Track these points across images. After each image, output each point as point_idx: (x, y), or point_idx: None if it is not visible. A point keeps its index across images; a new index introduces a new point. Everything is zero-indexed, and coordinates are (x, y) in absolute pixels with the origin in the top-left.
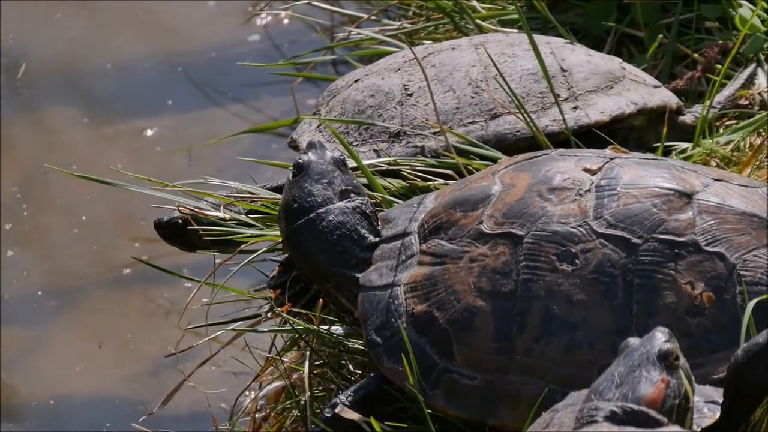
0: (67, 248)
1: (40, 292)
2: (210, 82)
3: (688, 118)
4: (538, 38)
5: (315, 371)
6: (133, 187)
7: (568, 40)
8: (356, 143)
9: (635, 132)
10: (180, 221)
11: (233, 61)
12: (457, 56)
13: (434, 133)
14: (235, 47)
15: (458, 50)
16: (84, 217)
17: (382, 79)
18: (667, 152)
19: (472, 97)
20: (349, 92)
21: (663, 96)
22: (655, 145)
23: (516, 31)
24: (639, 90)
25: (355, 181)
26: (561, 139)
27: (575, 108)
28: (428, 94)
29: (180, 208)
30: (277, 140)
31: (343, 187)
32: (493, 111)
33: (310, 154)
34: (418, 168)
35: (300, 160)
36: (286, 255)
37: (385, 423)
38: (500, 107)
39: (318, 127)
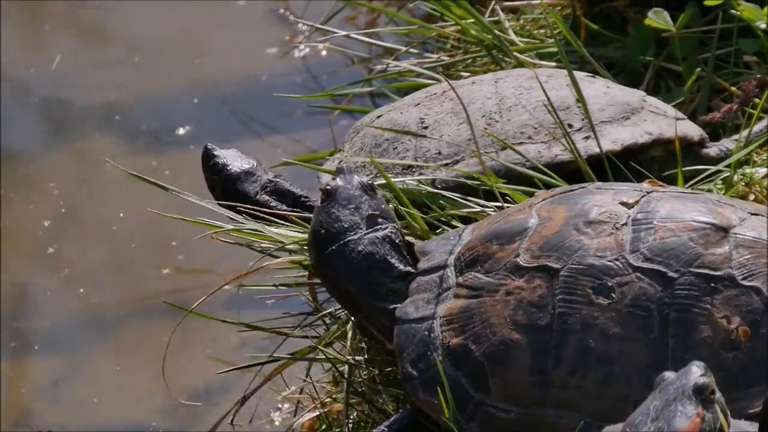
0: (102, 277)
1: (76, 321)
2: (248, 113)
3: (712, 150)
4: (557, 72)
5: (350, 401)
6: (192, 197)
7: (590, 74)
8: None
9: (656, 163)
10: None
11: (271, 92)
12: (475, 90)
13: (445, 165)
14: (273, 78)
15: (478, 84)
16: (119, 246)
17: (401, 113)
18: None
19: (485, 129)
20: (369, 128)
21: (683, 128)
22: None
23: (554, 64)
24: (657, 121)
25: (383, 206)
26: (572, 168)
27: (587, 138)
28: (444, 127)
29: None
30: (315, 172)
31: (371, 212)
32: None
33: (337, 179)
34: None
35: (328, 186)
36: None
37: None
38: (511, 138)
39: (340, 163)
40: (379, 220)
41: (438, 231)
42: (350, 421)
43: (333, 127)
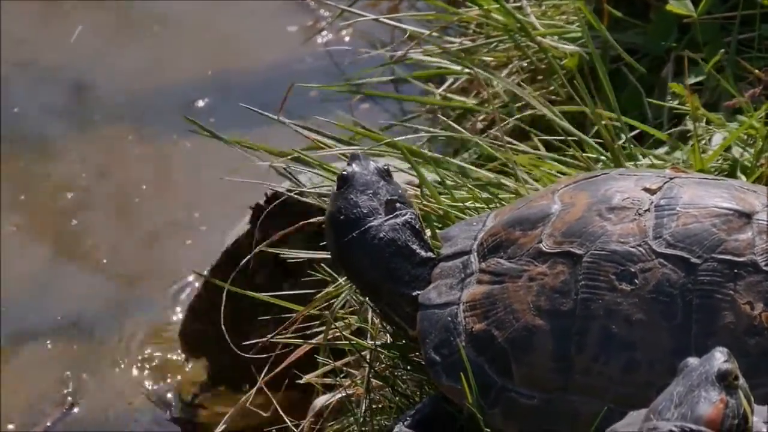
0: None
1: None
2: (269, 99)
3: None
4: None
5: (373, 387)
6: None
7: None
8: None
9: None
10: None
11: (292, 79)
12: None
13: None
14: (294, 64)
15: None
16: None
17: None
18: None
19: None
20: None
21: None
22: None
23: (578, 48)
24: None
25: (400, 191)
26: None
27: None
28: None
29: None
30: (337, 159)
31: (389, 197)
32: None
33: (353, 165)
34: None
35: (344, 172)
36: None
37: None
38: None
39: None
40: (398, 205)
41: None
42: (372, 405)
43: (354, 113)
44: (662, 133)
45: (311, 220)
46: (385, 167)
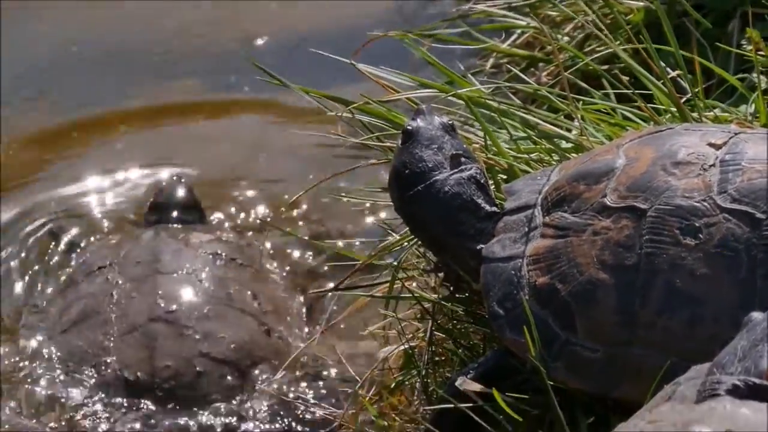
0: None
1: None
2: (330, 51)
3: None
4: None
5: (436, 340)
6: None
7: None
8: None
9: None
10: None
11: (359, 35)
12: None
13: None
14: (361, 19)
15: None
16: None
17: None
18: None
19: None
20: None
21: None
22: None
23: (643, 3)
24: None
25: (465, 146)
26: None
27: None
28: None
29: None
30: (406, 113)
31: (454, 152)
32: None
33: (418, 120)
34: None
35: (408, 127)
36: None
37: (507, 395)
38: None
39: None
40: (463, 159)
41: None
42: (435, 358)
43: (418, 72)
44: (734, 78)
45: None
46: (450, 122)
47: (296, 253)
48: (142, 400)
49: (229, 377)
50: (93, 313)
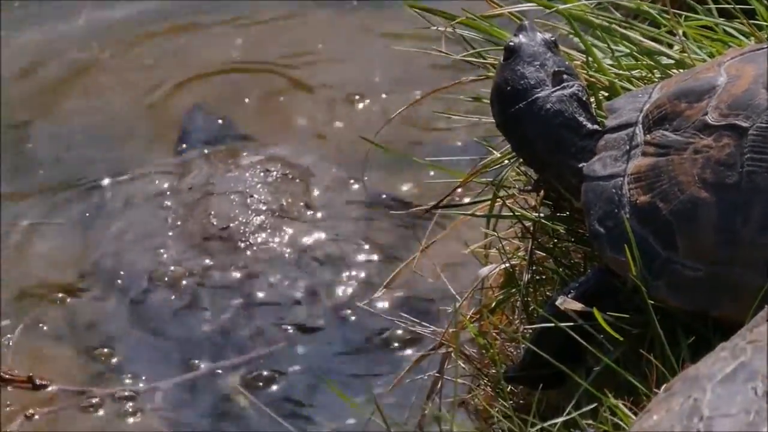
0: None
1: None
2: None
3: None
4: None
5: (537, 259)
6: None
7: None
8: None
9: None
10: None
11: None
12: None
13: None
14: None
15: None
16: None
17: None
18: None
19: None
20: None
21: None
22: None
23: None
24: None
25: (567, 62)
26: None
27: None
28: None
29: None
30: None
31: (556, 69)
32: None
33: (520, 36)
34: None
35: (510, 43)
36: None
37: (607, 314)
38: None
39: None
40: (565, 76)
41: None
42: (536, 277)
43: None
44: None
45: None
46: (552, 38)
47: (390, 175)
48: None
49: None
50: (148, 237)
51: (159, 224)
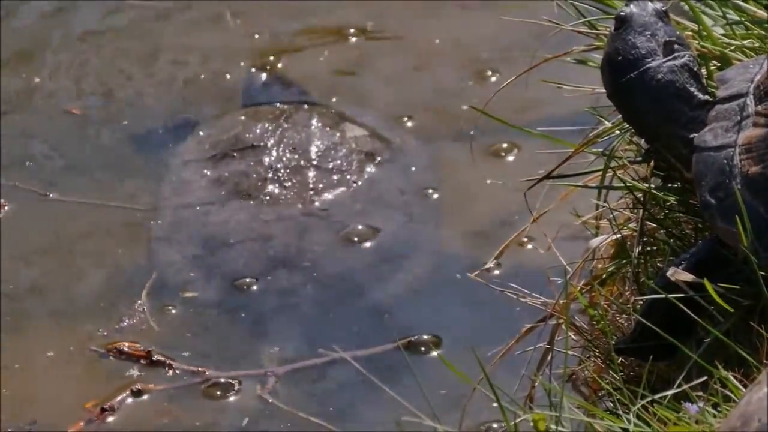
0: None
1: None
2: None
3: None
4: None
5: (647, 230)
6: None
7: None
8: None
9: None
10: None
11: None
12: None
13: None
14: None
15: None
16: None
17: None
18: None
19: None
20: None
21: None
22: None
23: None
24: None
25: (678, 33)
26: None
27: None
28: None
29: None
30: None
31: (667, 39)
32: None
33: (631, 6)
34: None
35: (622, 13)
36: None
37: (718, 285)
38: None
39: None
40: (676, 47)
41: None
42: (647, 248)
43: None
44: None
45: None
46: (663, 8)
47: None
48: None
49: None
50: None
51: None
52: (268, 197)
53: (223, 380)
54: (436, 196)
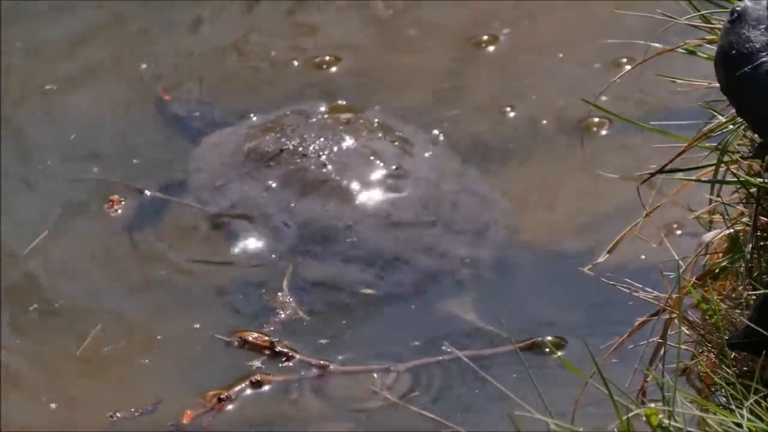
0: None
1: None
2: None
3: None
4: None
5: (761, 224)
6: None
7: None
8: None
9: None
10: None
11: None
12: None
13: None
14: None
15: None
16: None
17: None
18: None
19: None
20: None
21: None
22: None
23: None
24: None
25: None
26: None
27: None
28: None
29: None
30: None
31: None
32: None
33: (746, 0)
34: None
35: (737, 6)
36: None
37: None
38: None
39: None
40: None
41: None
42: (760, 243)
43: None
44: None
45: None
46: None
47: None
48: None
49: None
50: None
51: None
52: None
53: (343, 374)
54: (545, 187)
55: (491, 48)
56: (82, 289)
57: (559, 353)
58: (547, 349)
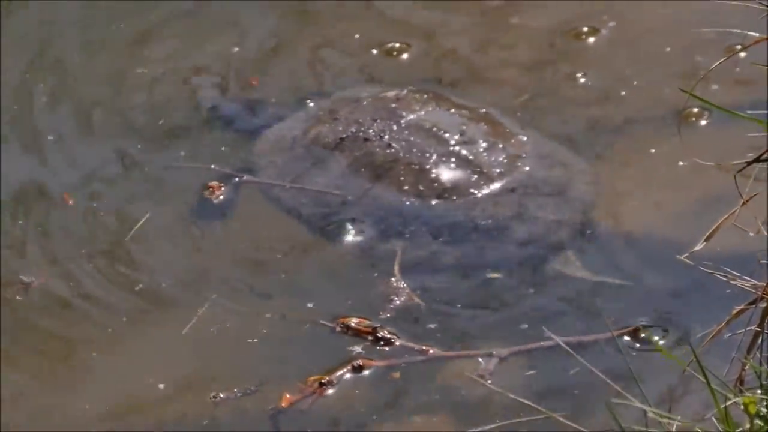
0: None
1: None
2: None
3: None
4: None
5: None
6: None
7: None
8: None
9: None
10: None
11: None
12: None
13: None
14: None
15: None
16: None
17: None
18: None
19: None
20: None
21: None
22: None
23: None
24: None
25: None
26: None
27: None
28: None
29: None
30: None
31: None
32: None
33: None
34: None
35: None
36: None
37: None
38: None
39: None
40: None
41: None
42: None
43: None
44: None
45: None
46: None
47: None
48: None
49: None
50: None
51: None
52: None
53: (444, 359)
54: (642, 174)
55: (591, 39)
56: (188, 270)
57: (658, 340)
58: (643, 335)
